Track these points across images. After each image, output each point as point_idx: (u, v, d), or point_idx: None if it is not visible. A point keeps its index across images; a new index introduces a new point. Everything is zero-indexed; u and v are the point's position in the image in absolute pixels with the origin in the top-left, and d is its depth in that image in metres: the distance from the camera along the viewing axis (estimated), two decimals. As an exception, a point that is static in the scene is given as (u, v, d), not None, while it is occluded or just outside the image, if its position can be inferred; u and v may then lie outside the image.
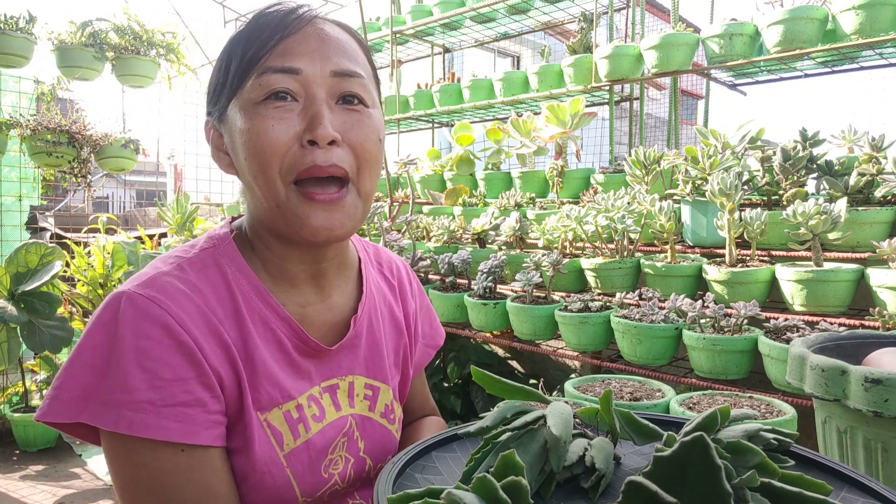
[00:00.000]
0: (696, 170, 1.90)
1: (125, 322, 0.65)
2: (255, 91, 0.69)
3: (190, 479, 0.66)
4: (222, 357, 0.70)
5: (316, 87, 0.70)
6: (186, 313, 0.68)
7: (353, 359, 0.83)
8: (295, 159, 0.69)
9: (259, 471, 0.71)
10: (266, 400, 0.73)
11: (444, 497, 0.42)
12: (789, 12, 2.07)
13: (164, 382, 0.65)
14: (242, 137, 0.70)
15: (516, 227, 2.30)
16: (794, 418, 1.30)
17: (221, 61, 0.74)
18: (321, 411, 0.78)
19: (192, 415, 0.66)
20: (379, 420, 0.85)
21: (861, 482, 0.54)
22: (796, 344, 0.90)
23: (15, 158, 3.92)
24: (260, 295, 0.75)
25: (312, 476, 0.76)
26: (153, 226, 5.33)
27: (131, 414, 0.63)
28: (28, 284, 3.07)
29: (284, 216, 0.71)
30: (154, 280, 0.69)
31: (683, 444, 0.41)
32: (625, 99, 3.14)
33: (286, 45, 0.70)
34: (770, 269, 1.69)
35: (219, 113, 0.74)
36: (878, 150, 1.74)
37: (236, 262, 0.76)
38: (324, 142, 0.69)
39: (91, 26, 3.61)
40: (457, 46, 4.28)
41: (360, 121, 0.73)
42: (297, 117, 0.69)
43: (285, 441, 0.74)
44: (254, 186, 0.72)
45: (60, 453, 3.33)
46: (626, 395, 1.49)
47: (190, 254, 0.75)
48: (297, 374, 0.77)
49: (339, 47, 0.73)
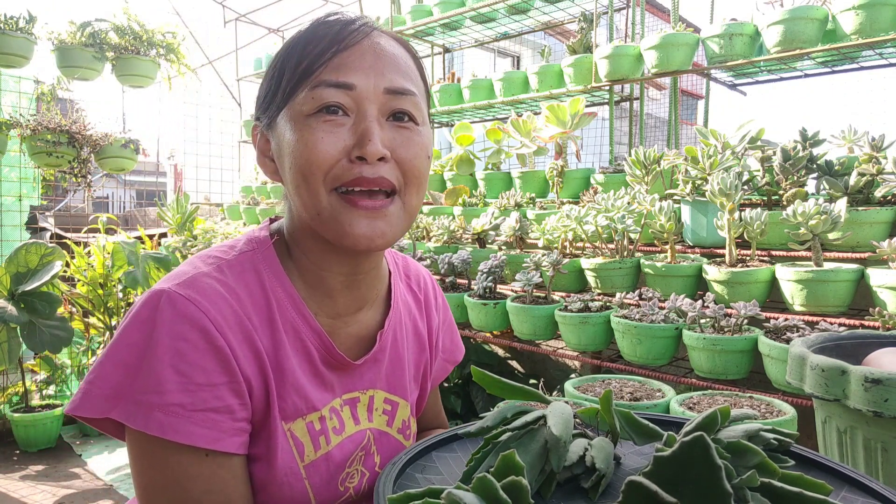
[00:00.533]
0: (696, 170, 1.90)
1: (163, 322, 0.65)
2: (308, 103, 0.69)
3: (210, 486, 0.66)
4: (254, 365, 0.70)
5: (368, 103, 0.69)
6: (224, 318, 0.68)
7: (376, 373, 0.83)
8: (342, 171, 0.68)
9: (278, 481, 0.71)
10: (291, 410, 0.73)
11: (444, 497, 0.42)
12: (789, 12, 2.07)
13: (197, 387, 0.65)
14: (291, 147, 0.70)
15: (516, 227, 2.30)
16: (794, 418, 1.30)
17: (274, 69, 0.74)
18: (341, 424, 0.78)
19: (219, 421, 0.66)
20: (395, 435, 0.85)
21: (861, 482, 0.54)
22: (796, 344, 0.90)
23: (15, 158, 3.92)
24: (294, 304, 0.75)
25: (329, 489, 0.76)
26: (153, 226, 5.33)
27: (162, 416, 0.63)
28: (28, 284, 3.07)
29: (325, 224, 0.70)
30: (195, 280, 0.69)
31: (683, 444, 0.41)
32: (625, 99, 3.14)
33: (341, 59, 0.69)
34: (770, 269, 1.69)
35: (268, 120, 0.74)
36: (878, 150, 1.74)
37: (273, 268, 0.75)
38: (373, 158, 0.68)
39: (91, 26, 3.61)
40: (457, 46, 4.28)
41: (409, 138, 0.72)
42: (347, 132, 0.69)
43: (306, 452, 0.74)
44: (296, 195, 0.71)
45: (60, 453, 3.33)
46: (626, 395, 1.49)
47: (229, 255, 0.75)
48: (322, 386, 0.77)
49: (394, 63, 0.72)
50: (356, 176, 0.68)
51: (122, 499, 2.73)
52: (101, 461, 3.18)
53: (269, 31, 5.54)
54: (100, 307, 3.61)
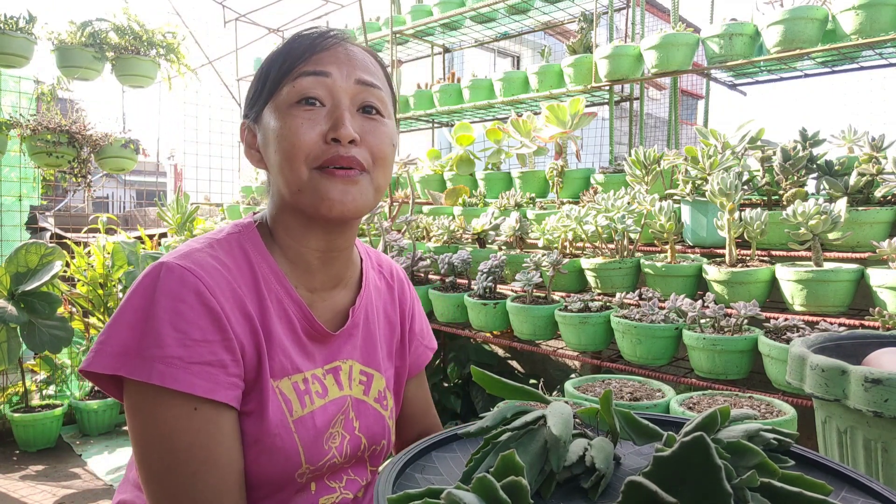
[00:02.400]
0: (696, 170, 1.90)
1: (163, 287, 0.74)
2: (290, 94, 0.80)
3: (196, 440, 0.73)
4: (245, 327, 0.78)
5: (342, 93, 0.81)
6: (217, 284, 0.77)
7: (352, 346, 0.92)
8: (320, 152, 0.79)
9: (271, 432, 0.78)
10: (279, 368, 0.81)
11: (444, 497, 0.42)
12: (789, 12, 2.07)
13: (193, 342, 0.73)
14: (275, 134, 0.81)
15: (516, 227, 2.30)
16: (794, 418, 1.30)
17: (261, 72, 0.85)
18: (324, 389, 0.86)
19: (214, 373, 0.74)
20: (372, 404, 0.93)
21: (861, 482, 0.54)
22: (796, 344, 0.90)
23: (15, 158, 3.92)
24: (277, 278, 0.84)
25: (315, 446, 0.83)
26: (153, 226, 5.34)
27: (162, 367, 0.71)
28: (28, 284, 3.07)
29: (306, 195, 0.80)
30: (190, 254, 0.79)
31: (683, 444, 0.41)
32: (625, 99, 3.14)
33: (318, 57, 0.82)
34: (770, 269, 1.69)
35: (255, 115, 0.85)
36: (878, 150, 1.74)
37: (258, 247, 0.85)
38: (345, 140, 0.79)
39: (91, 26, 3.61)
40: (457, 46, 4.28)
41: (376, 127, 0.84)
42: (323, 119, 0.80)
43: (294, 408, 0.81)
44: (280, 175, 0.81)
45: (60, 453, 3.33)
46: (626, 395, 1.49)
47: (219, 236, 0.85)
48: (304, 354, 0.85)
49: (363, 64, 0.85)
50: (332, 155, 0.79)
51: (122, 499, 2.73)
52: (101, 461, 3.18)
53: (269, 31, 5.54)
54: (100, 307, 3.61)
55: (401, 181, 3.38)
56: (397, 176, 3.35)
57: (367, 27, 3.90)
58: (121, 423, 3.68)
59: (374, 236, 2.75)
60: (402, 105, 3.77)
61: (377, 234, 2.68)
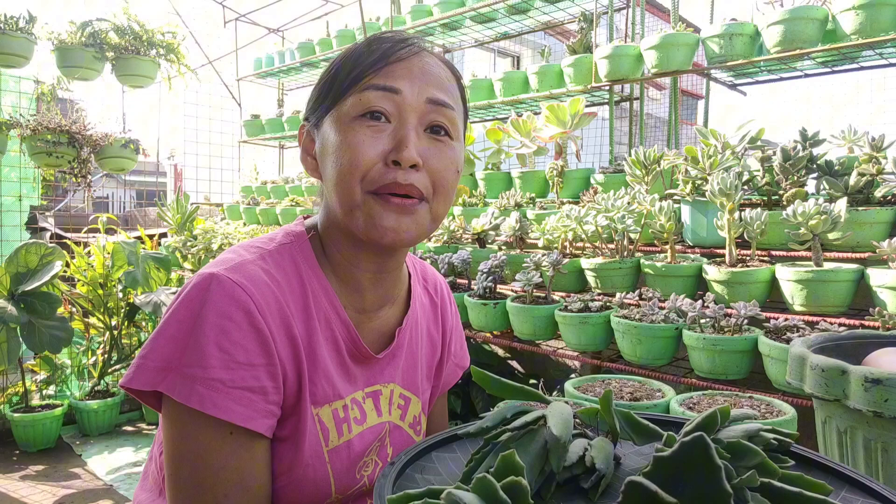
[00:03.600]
0: (696, 170, 1.90)
1: (211, 301, 0.70)
2: (355, 107, 0.75)
3: (228, 463, 0.70)
4: (290, 350, 0.75)
5: (410, 110, 0.75)
6: (266, 303, 0.73)
7: (394, 368, 0.88)
8: (378, 174, 0.74)
9: (304, 462, 0.75)
10: (321, 395, 0.78)
11: (444, 497, 0.42)
12: (789, 12, 2.07)
13: (238, 365, 0.70)
14: (334, 147, 0.75)
15: (516, 227, 2.30)
16: (794, 418, 1.30)
17: (328, 74, 0.80)
18: (362, 415, 0.83)
19: (254, 400, 0.71)
20: (407, 430, 0.90)
21: (861, 482, 0.54)
22: (796, 344, 0.90)
23: (15, 158, 3.92)
24: (327, 295, 0.80)
25: (348, 476, 0.80)
26: (153, 226, 5.33)
27: (203, 389, 0.68)
28: (28, 284, 3.07)
29: (357, 220, 0.75)
30: (241, 266, 0.74)
31: (683, 444, 0.41)
32: (625, 99, 3.14)
33: (391, 69, 0.76)
34: (770, 269, 1.69)
35: (315, 120, 0.80)
36: (878, 150, 1.74)
37: (309, 261, 0.81)
38: (407, 164, 0.73)
39: (91, 26, 3.61)
40: (457, 46, 4.28)
41: (442, 150, 0.78)
42: (387, 137, 0.74)
43: (331, 438, 0.78)
44: (334, 192, 0.76)
45: (60, 453, 3.33)
46: (626, 395, 1.49)
47: (270, 246, 0.80)
48: (347, 377, 0.82)
49: (438, 80, 0.79)
50: (390, 181, 0.73)
51: (122, 499, 2.73)
52: (101, 461, 3.18)
53: (269, 31, 5.54)
54: (100, 307, 3.60)
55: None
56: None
57: (367, 27, 3.90)
58: (121, 423, 3.68)
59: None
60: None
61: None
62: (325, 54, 4.36)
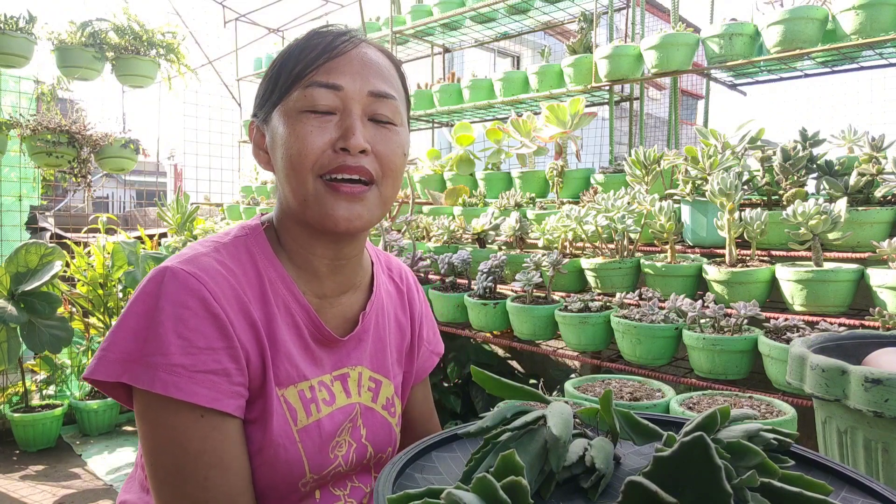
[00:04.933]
0: (696, 170, 1.90)
1: (167, 293, 0.72)
2: (300, 101, 0.78)
3: (205, 447, 0.72)
4: (250, 334, 0.77)
5: (353, 102, 0.79)
6: (221, 290, 0.75)
7: (361, 352, 0.90)
8: (327, 161, 0.78)
9: (274, 442, 0.77)
10: (284, 377, 0.80)
11: (444, 497, 0.42)
12: (789, 12, 2.07)
13: (198, 350, 0.72)
14: (283, 139, 0.79)
15: (516, 227, 2.30)
16: (794, 418, 1.30)
17: (272, 71, 0.83)
18: (331, 396, 0.85)
19: (217, 382, 0.73)
20: (380, 411, 0.92)
21: (861, 482, 0.54)
22: (796, 344, 0.90)
23: (15, 158, 3.92)
24: (284, 282, 0.83)
25: (320, 455, 0.82)
26: (153, 226, 5.33)
27: (166, 375, 0.70)
28: (28, 284, 3.07)
29: (311, 209, 0.79)
30: (195, 259, 0.77)
31: (683, 444, 0.41)
32: (625, 99, 3.14)
33: (332, 65, 0.79)
34: (770, 269, 1.69)
35: (264, 115, 0.83)
36: (878, 150, 1.74)
37: (265, 251, 0.84)
38: (355, 150, 0.77)
39: (91, 26, 3.60)
40: (457, 46, 4.28)
41: (388, 136, 0.81)
42: (333, 127, 0.78)
43: (299, 417, 0.80)
44: (286, 182, 0.80)
45: (60, 453, 3.33)
46: (626, 395, 1.49)
47: (225, 239, 0.83)
48: (312, 360, 0.84)
49: (378, 71, 0.82)
50: (340, 164, 0.77)
51: (121, 499, 2.73)
52: (101, 461, 3.18)
53: (269, 31, 5.53)
54: (100, 307, 3.61)
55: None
56: (397, 176, 3.34)
57: (367, 27, 3.90)
58: (121, 423, 3.68)
59: (374, 236, 2.75)
60: (402, 105, 3.77)
61: (377, 234, 2.68)
62: (325, 54, 4.36)
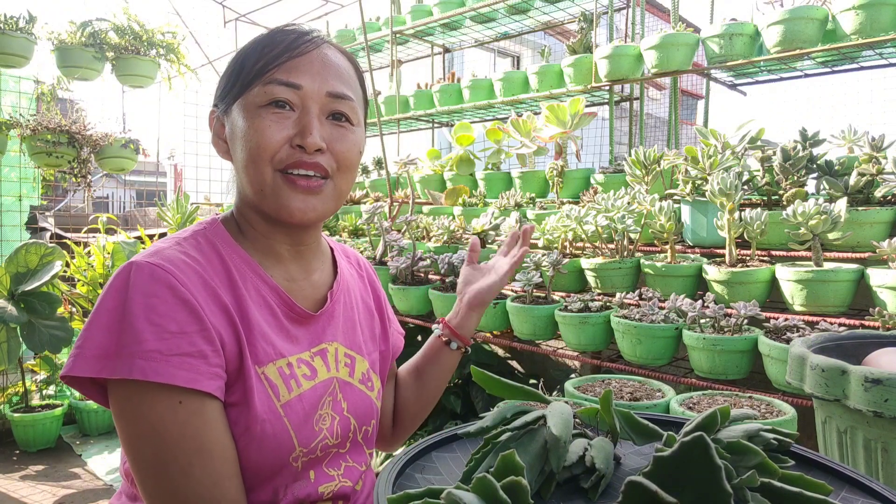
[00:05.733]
0: (696, 170, 1.90)
1: (134, 285, 0.74)
2: (260, 96, 0.81)
3: (185, 432, 0.72)
4: (222, 318, 0.78)
5: (312, 101, 0.82)
6: (188, 277, 0.77)
7: (335, 328, 0.93)
8: (285, 155, 0.81)
9: (259, 419, 0.78)
10: (262, 355, 0.81)
11: (444, 497, 0.42)
12: (789, 12, 2.07)
13: (171, 334, 0.73)
14: (242, 132, 0.81)
15: (516, 227, 2.30)
16: (794, 418, 1.30)
17: (235, 65, 0.85)
18: (312, 371, 0.87)
19: (195, 364, 0.73)
20: (358, 385, 0.94)
21: (861, 482, 0.54)
22: (796, 344, 0.90)
23: (15, 158, 3.92)
24: (250, 266, 0.85)
25: (306, 428, 0.83)
26: (153, 226, 5.33)
27: (143, 362, 0.71)
28: (28, 284, 3.07)
29: (267, 199, 0.82)
30: (158, 252, 0.79)
31: (683, 444, 0.41)
32: (625, 99, 3.14)
33: (293, 64, 0.82)
34: (770, 269, 1.69)
35: (225, 107, 0.86)
36: (878, 150, 1.74)
37: (226, 240, 0.86)
38: (311, 149, 0.80)
39: (91, 26, 3.60)
40: (457, 46, 4.28)
41: (344, 135, 0.85)
42: (291, 123, 0.81)
43: (281, 393, 0.81)
44: (244, 172, 0.83)
45: (60, 453, 3.33)
46: (626, 395, 1.49)
47: (185, 234, 0.85)
48: (288, 338, 0.86)
49: (337, 72, 0.85)
50: (297, 160, 0.81)
51: (122, 499, 2.73)
52: (101, 461, 3.18)
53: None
54: (100, 307, 3.60)
55: (401, 181, 3.38)
56: (397, 176, 3.35)
57: (367, 27, 3.90)
58: (121, 423, 3.68)
59: (375, 236, 2.75)
60: (402, 105, 3.77)
61: (377, 235, 2.68)
62: (325, 54, 4.36)
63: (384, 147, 3.11)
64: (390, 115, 3.80)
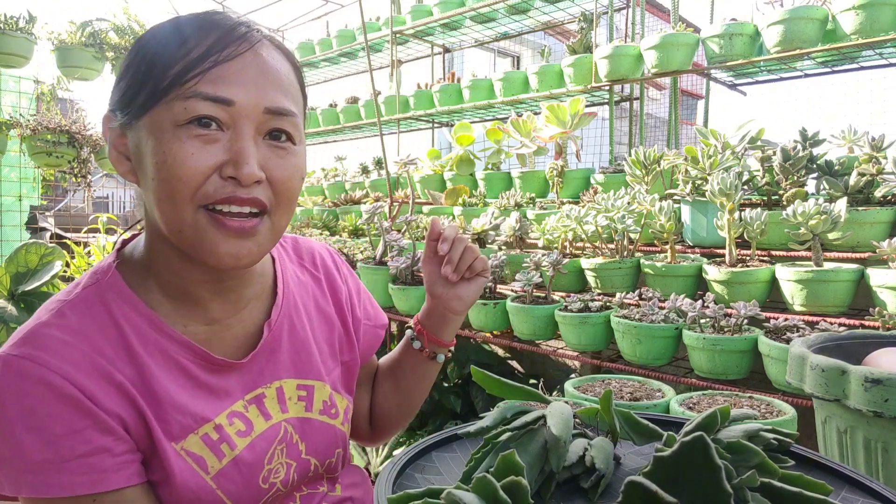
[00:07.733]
0: (696, 170, 1.90)
1: (4, 389, 0.63)
2: (179, 113, 0.63)
3: None
4: (118, 399, 0.67)
5: (246, 121, 0.66)
6: (67, 363, 0.64)
7: (276, 364, 0.80)
8: (213, 189, 0.65)
9: (187, 498, 0.69)
10: (178, 429, 0.70)
11: (444, 497, 0.42)
12: (789, 12, 2.07)
13: (57, 437, 0.62)
14: (155, 158, 0.64)
15: (516, 227, 2.30)
16: (794, 418, 1.30)
17: (140, 62, 0.67)
18: (248, 425, 0.75)
19: (96, 463, 0.64)
20: (318, 418, 0.82)
21: (861, 482, 0.54)
22: (796, 344, 0.90)
23: (15, 158, 3.92)
24: (152, 324, 0.71)
25: (249, 491, 0.74)
26: (153, 226, 5.32)
27: (31, 476, 0.62)
28: (28, 284, 3.07)
29: (188, 241, 0.67)
30: (30, 335, 0.66)
31: (683, 444, 0.41)
32: (625, 99, 3.14)
33: (222, 71, 0.64)
34: (770, 269, 1.69)
35: (128, 118, 0.68)
36: (878, 150, 1.74)
37: (123, 294, 0.71)
38: (247, 181, 0.65)
39: (91, 26, 3.60)
40: (457, 46, 4.28)
41: (285, 158, 0.69)
42: (220, 148, 0.65)
43: (209, 464, 0.71)
44: (157, 207, 0.67)
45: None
46: (626, 395, 1.49)
47: (71, 295, 0.71)
48: (212, 395, 0.74)
49: (277, 80, 0.68)
50: (228, 195, 0.65)
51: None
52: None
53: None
54: (100, 307, 3.60)
55: (401, 181, 3.38)
56: (397, 176, 3.35)
57: (367, 27, 3.90)
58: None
59: (375, 236, 2.75)
60: (402, 105, 3.77)
61: (377, 235, 2.68)
62: (325, 54, 4.36)
63: (384, 147, 3.11)
64: (390, 115, 3.80)
